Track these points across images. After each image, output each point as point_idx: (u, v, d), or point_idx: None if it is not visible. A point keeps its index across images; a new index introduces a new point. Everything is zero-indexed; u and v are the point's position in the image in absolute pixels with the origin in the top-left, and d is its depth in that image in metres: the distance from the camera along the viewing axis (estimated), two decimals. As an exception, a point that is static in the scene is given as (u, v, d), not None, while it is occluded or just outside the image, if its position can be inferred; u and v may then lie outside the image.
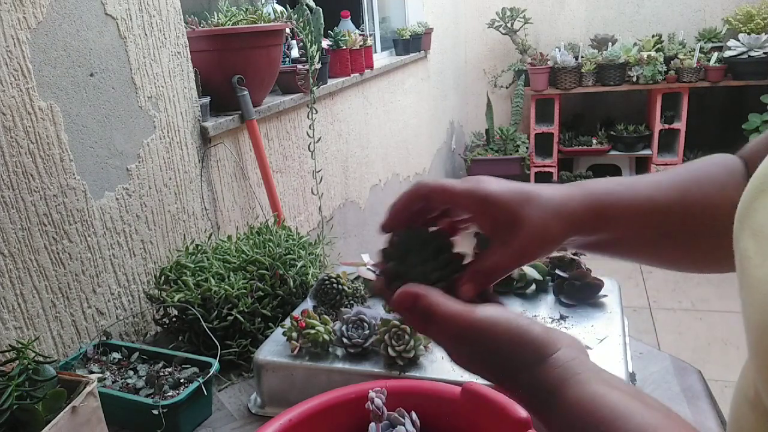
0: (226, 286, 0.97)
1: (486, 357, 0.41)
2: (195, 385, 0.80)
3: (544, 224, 0.44)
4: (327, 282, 0.91)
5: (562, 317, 0.88)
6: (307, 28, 1.63)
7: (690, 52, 3.74)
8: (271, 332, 0.91)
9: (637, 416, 0.35)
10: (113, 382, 0.85)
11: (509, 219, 0.44)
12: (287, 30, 1.78)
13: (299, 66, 1.76)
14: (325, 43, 2.09)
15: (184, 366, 0.87)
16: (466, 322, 0.40)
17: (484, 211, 0.45)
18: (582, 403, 0.37)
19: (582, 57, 3.92)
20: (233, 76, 1.45)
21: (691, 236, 0.50)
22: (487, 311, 0.41)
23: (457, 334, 0.41)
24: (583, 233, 0.47)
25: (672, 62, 3.71)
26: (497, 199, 0.44)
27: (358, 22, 2.88)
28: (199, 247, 1.11)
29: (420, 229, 0.47)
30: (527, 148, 3.97)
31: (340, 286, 0.91)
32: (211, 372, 0.83)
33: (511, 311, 0.42)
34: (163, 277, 1.03)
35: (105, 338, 0.96)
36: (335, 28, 2.24)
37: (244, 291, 0.97)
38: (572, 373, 0.38)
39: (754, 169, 0.41)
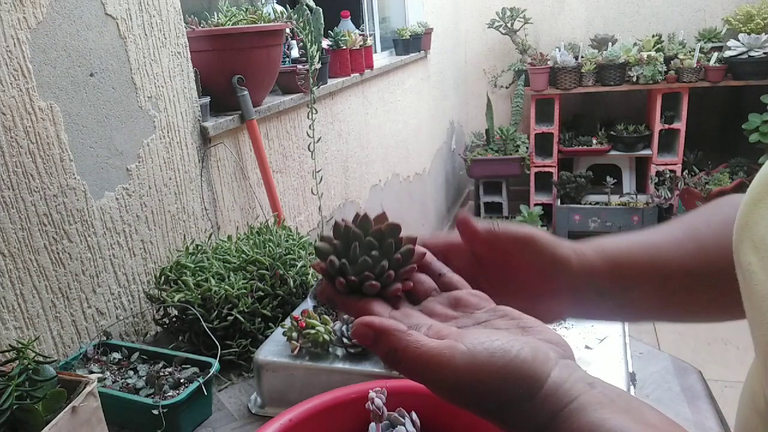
0: (226, 286, 0.97)
1: (469, 397, 0.34)
2: (195, 385, 0.80)
3: (556, 249, 0.44)
4: (327, 282, 0.91)
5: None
6: (307, 28, 1.63)
7: (690, 52, 3.74)
8: (271, 332, 0.91)
9: None
10: (113, 382, 0.85)
11: (514, 254, 0.44)
12: (287, 30, 1.78)
13: (299, 66, 1.76)
14: (325, 43, 2.09)
15: (184, 366, 0.87)
16: (444, 368, 0.33)
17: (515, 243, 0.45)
18: None
19: (582, 57, 3.92)
20: (233, 76, 1.45)
21: (708, 283, 0.47)
22: (468, 355, 0.33)
23: (433, 378, 0.34)
24: (598, 286, 0.46)
25: (672, 62, 3.71)
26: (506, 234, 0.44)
27: (358, 22, 2.88)
28: (199, 247, 1.11)
29: (364, 219, 0.40)
30: (527, 148, 3.97)
31: (340, 286, 0.91)
32: (211, 372, 0.83)
33: (491, 332, 0.34)
34: (163, 277, 1.03)
35: (105, 338, 0.96)
36: (335, 28, 2.24)
37: (244, 291, 0.97)
38: (566, 402, 0.33)
39: None
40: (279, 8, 1.65)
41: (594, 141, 3.99)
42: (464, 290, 0.40)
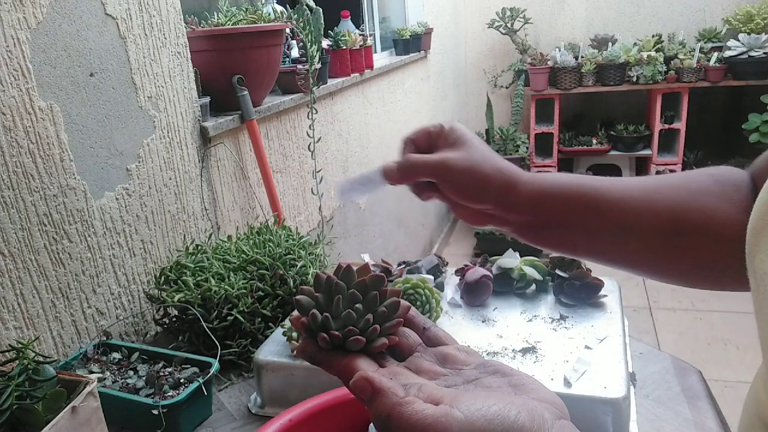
0: (226, 286, 0.97)
1: None
2: (195, 385, 0.80)
3: (479, 156, 0.52)
4: (327, 282, 0.91)
5: (562, 317, 0.88)
6: (307, 28, 1.63)
7: (690, 52, 3.74)
8: (271, 332, 0.91)
9: None
10: (113, 382, 0.85)
11: (453, 143, 0.53)
12: (287, 30, 1.78)
13: (299, 66, 1.76)
14: (325, 43, 2.09)
15: (184, 366, 0.87)
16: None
17: (448, 133, 0.54)
18: None
19: (582, 57, 3.92)
20: (233, 76, 1.45)
21: (650, 236, 0.49)
22: (465, 423, 0.32)
23: None
24: (518, 204, 0.51)
25: (672, 62, 3.71)
26: (459, 129, 0.54)
27: (358, 22, 2.88)
28: (199, 247, 1.11)
29: (346, 271, 0.39)
30: (527, 148, 3.97)
31: (340, 286, 0.91)
32: (211, 372, 0.83)
33: (486, 396, 0.33)
34: (163, 277, 1.03)
35: (105, 338, 0.96)
36: (335, 28, 2.24)
37: (244, 291, 0.97)
38: None
39: (761, 186, 0.39)
40: (279, 8, 1.65)
41: (594, 141, 3.99)
42: (451, 345, 0.39)
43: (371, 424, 0.59)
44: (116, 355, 0.92)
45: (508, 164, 0.53)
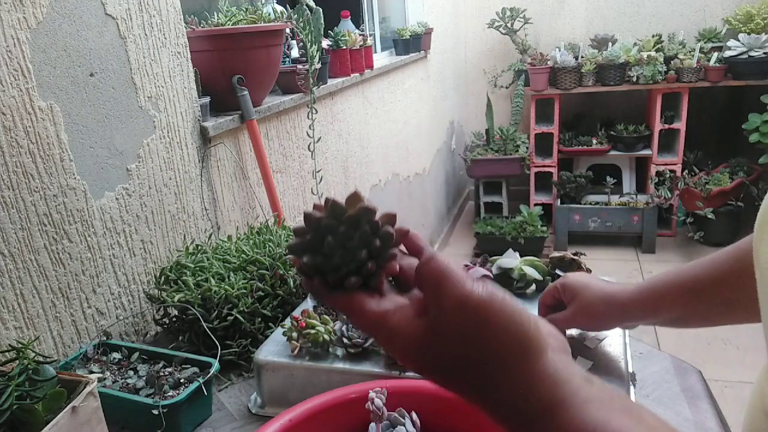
0: (226, 286, 0.97)
1: (474, 332, 0.33)
2: (195, 385, 0.80)
3: (590, 304, 0.69)
4: (327, 282, 0.91)
5: (562, 317, 0.88)
6: (307, 28, 1.63)
7: (690, 52, 3.74)
8: (271, 332, 0.91)
9: None
10: (113, 382, 0.85)
11: (571, 297, 0.73)
12: (287, 30, 1.78)
13: (299, 66, 1.75)
14: (325, 43, 2.09)
15: (184, 366, 0.87)
16: (460, 285, 0.33)
17: (563, 291, 0.74)
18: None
19: (582, 57, 3.92)
20: (233, 76, 1.45)
21: (744, 301, 0.56)
22: (485, 289, 0.33)
23: (449, 294, 0.33)
24: (636, 319, 0.68)
25: (672, 62, 3.71)
26: (570, 285, 0.73)
27: (358, 22, 2.88)
28: (199, 247, 1.11)
29: (334, 206, 0.36)
30: (527, 148, 3.97)
31: (340, 286, 0.91)
32: (211, 372, 0.83)
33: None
34: (163, 277, 1.03)
35: (105, 338, 0.96)
36: (335, 28, 2.23)
37: (244, 291, 0.97)
38: (565, 392, 0.33)
39: None
40: (279, 8, 1.65)
41: (594, 141, 3.99)
42: None
43: (371, 424, 0.59)
44: (116, 355, 0.92)
45: (616, 291, 0.70)
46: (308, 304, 0.93)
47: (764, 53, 3.48)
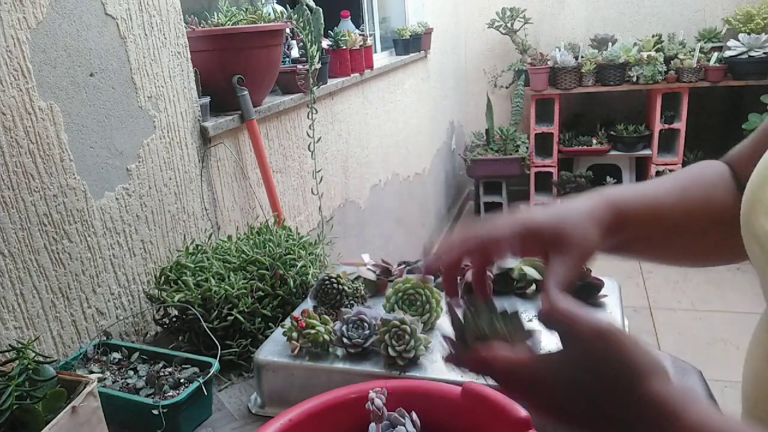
0: (226, 286, 0.97)
1: (599, 360, 0.42)
2: (195, 385, 0.80)
3: (585, 233, 0.52)
4: (327, 282, 0.91)
5: (562, 317, 0.88)
6: (307, 28, 1.63)
7: (690, 52, 3.74)
8: (271, 332, 0.91)
9: None
10: (113, 382, 0.85)
11: (556, 240, 0.51)
12: (287, 30, 1.78)
13: (299, 66, 1.75)
14: (325, 43, 2.09)
15: (184, 366, 0.87)
16: (590, 327, 0.42)
17: (535, 243, 0.52)
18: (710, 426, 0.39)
19: (582, 57, 3.92)
20: (233, 76, 1.45)
21: (694, 232, 0.58)
22: (605, 323, 0.42)
23: (579, 328, 0.42)
24: (611, 236, 0.55)
25: (672, 62, 3.71)
26: (541, 229, 0.52)
27: (358, 22, 2.88)
28: (199, 247, 1.11)
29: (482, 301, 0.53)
30: (527, 148, 3.97)
31: (340, 286, 0.91)
32: (211, 372, 0.83)
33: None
34: (163, 277, 1.03)
35: (105, 338, 0.96)
36: (335, 28, 2.24)
37: (244, 291, 0.97)
38: (680, 399, 0.42)
39: (740, 172, 0.47)
40: (279, 8, 1.65)
41: (594, 141, 3.99)
42: None
43: (371, 424, 0.59)
44: (116, 355, 0.92)
45: (591, 208, 0.56)
46: (308, 304, 0.93)
47: (764, 53, 3.48)
